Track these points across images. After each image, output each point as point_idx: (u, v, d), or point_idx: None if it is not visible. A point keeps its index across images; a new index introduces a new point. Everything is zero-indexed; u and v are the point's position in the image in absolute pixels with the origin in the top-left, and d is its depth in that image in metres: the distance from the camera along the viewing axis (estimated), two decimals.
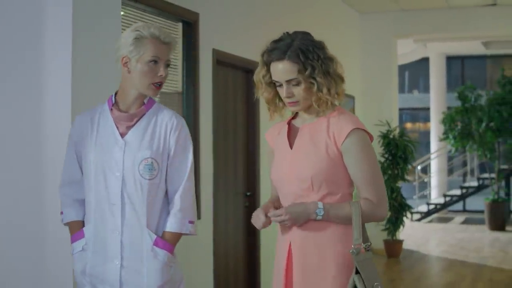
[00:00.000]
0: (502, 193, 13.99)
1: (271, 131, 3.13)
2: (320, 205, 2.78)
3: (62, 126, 3.79)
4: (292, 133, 2.98)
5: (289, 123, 3.03)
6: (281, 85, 2.87)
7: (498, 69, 19.19)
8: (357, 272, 2.74)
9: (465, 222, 15.19)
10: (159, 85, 3.05)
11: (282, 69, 2.82)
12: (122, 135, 3.05)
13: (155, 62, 3.01)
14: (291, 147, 2.93)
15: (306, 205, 2.80)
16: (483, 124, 13.32)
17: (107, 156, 3.03)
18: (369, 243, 2.81)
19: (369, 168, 2.81)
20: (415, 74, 24.45)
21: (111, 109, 3.09)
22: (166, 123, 3.09)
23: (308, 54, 2.81)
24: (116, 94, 3.13)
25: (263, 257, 7.12)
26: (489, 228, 13.60)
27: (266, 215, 2.88)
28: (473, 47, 16.91)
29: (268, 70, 2.90)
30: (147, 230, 3.04)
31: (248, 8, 7.00)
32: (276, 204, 3.01)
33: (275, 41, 2.90)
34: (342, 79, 2.88)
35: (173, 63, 5.52)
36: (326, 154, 2.81)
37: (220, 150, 6.45)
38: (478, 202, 16.44)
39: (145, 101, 3.10)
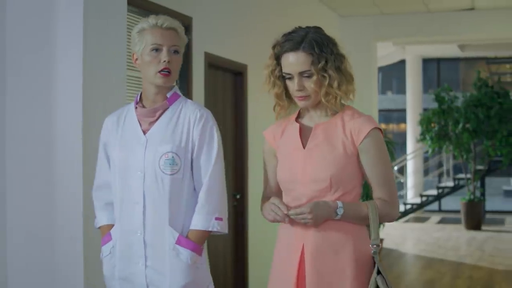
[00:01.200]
0: (477, 193, 14.25)
1: (272, 130, 3.01)
2: (340, 204, 2.72)
3: (73, 127, 3.86)
4: (302, 133, 2.88)
5: (297, 122, 2.93)
6: (291, 78, 2.80)
7: (471, 71, 19.57)
8: (378, 272, 2.69)
9: (441, 221, 15.46)
10: (166, 72, 2.94)
11: (295, 60, 2.75)
12: (145, 131, 2.98)
13: (157, 49, 2.93)
14: (303, 147, 2.83)
15: (329, 204, 2.73)
16: (460, 126, 13.57)
17: (130, 155, 2.97)
18: (379, 243, 2.77)
19: (385, 168, 2.79)
20: (389, 75, 24.74)
21: (136, 107, 3.04)
22: (189, 115, 2.98)
23: (322, 47, 2.75)
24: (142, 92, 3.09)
25: (251, 257, 7.28)
26: (465, 228, 13.86)
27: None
28: (449, 50, 17.20)
29: (278, 64, 2.83)
30: (169, 228, 2.92)
31: (238, 13, 7.17)
32: None
33: (288, 33, 2.82)
34: (351, 77, 2.81)
35: None
36: (344, 153, 2.75)
37: None
38: (454, 202, 16.73)
39: (168, 95, 3.02)
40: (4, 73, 4.01)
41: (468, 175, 14.36)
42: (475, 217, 13.86)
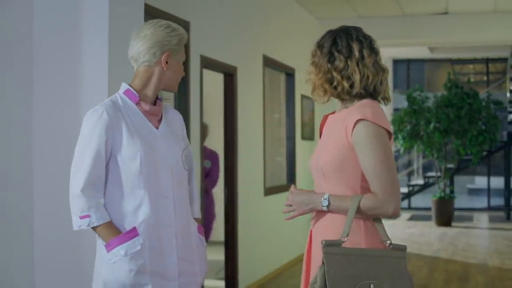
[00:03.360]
0: (447, 191, 14.67)
1: (322, 122, 3.09)
2: (326, 196, 2.78)
3: None
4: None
5: (327, 115, 3.04)
6: None
7: (436, 72, 20.08)
8: (323, 263, 2.65)
9: (412, 218, 15.86)
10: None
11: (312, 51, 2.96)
12: (156, 128, 3.07)
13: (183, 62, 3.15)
14: (320, 137, 3.00)
15: (312, 195, 2.84)
16: (431, 125, 13.99)
17: (154, 150, 2.99)
18: (389, 241, 2.73)
19: (376, 160, 2.72)
20: None
21: (137, 103, 3.05)
22: (177, 117, 3.22)
23: (324, 42, 2.91)
24: (132, 87, 3.07)
25: (241, 245, 7.60)
26: (436, 224, 14.27)
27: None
28: (418, 51, 17.63)
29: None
30: (192, 219, 3.15)
31: (229, 19, 7.49)
32: None
33: None
34: (364, 75, 2.84)
35: None
36: (337, 144, 2.79)
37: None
38: (423, 200, 17.18)
39: (158, 96, 3.15)
40: (31, 73, 4.21)
41: (438, 173, 14.78)
42: (446, 214, 14.28)
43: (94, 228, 2.96)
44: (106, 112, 2.95)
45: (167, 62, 3.04)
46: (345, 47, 2.86)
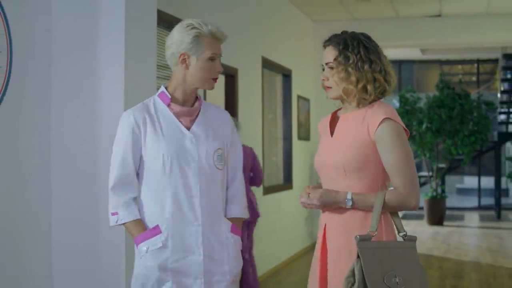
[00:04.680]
0: (439, 190, 14.84)
1: (322, 121, 3.23)
2: (349, 195, 2.91)
3: (115, 128, 4.21)
4: (334, 122, 3.10)
5: (334, 113, 3.16)
6: (324, 70, 3.07)
7: (426, 72, 20.28)
8: (358, 256, 2.78)
9: (403, 217, 15.99)
10: (216, 79, 3.15)
11: (325, 53, 3.04)
12: (187, 128, 3.10)
13: (214, 59, 3.08)
14: (331, 135, 3.07)
15: (337, 194, 2.93)
16: (423, 126, 14.16)
17: (180, 150, 3.05)
18: (405, 232, 2.89)
19: (399, 157, 2.88)
20: None
21: (168, 104, 3.12)
22: (220, 117, 3.22)
23: (349, 46, 2.98)
24: (167, 89, 3.15)
25: None
26: (428, 223, 14.42)
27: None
28: (409, 52, 17.79)
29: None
30: (224, 218, 3.14)
31: (231, 22, 7.64)
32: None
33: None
34: (375, 79, 2.99)
35: (169, 68, 6.08)
36: (359, 142, 2.92)
37: None
38: None
39: (198, 95, 3.19)
40: (49, 77, 4.33)
41: (430, 173, 14.95)
42: (438, 213, 14.45)
43: (123, 225, 3.10)
44: (133, 114, 3.08)
45: (185, 62, 3.07)
46: (372, 52, 3.01)
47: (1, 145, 3.94)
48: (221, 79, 7.91)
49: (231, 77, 7.70)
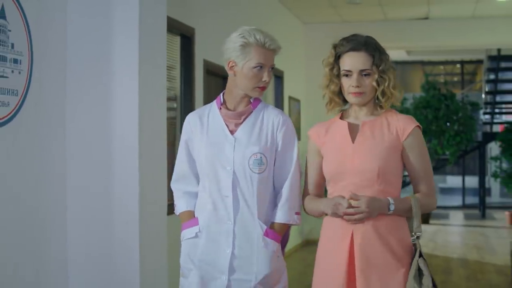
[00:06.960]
0: None
1: (317, 129, 3.23)
2: (392, 201, 2.99)
3: (129, 127, 4.39)
4: (350, 130, 3.13)
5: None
6: (348, 75, 3.06)
7: (408, 73, 20.55)
8: (420, 255, 2.97)
9: None
10: (264, 88, 3.23)
11: (358, 59, 3.04)
12: (232, 132, 3.22)
13: (260, 67, 3.15)
14: (352, 142, 3.09)
15: (382, 201, 2.99)
16: None
17: (219, 152, 3.20)
18: (420, 232, 3.06)
19: (426, 163, 3.09)
20: None
21: (220, 108, 3.27)
22: (273, 120, 3.24)
23: (381, 52, 3.08)
24: (223, 94, 3.30)
25: None
26: None
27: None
28: (394, 53, 18.01)
29: (337, 63, 3.11)
30: (258, 220, 3.19)
31: (230, 25, 7.78)
32: None
33: (349, 36, 3.12)
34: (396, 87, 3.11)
35: (172, 72, 6.29)
36: (389, 147, 3.03)
37: None
38: None
39: (251, 99, 3.26)
40: (64, 80, 4.46)
41: None
42: (424, 212, 14.61)
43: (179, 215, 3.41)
44: (189, 117, 3.36)
45: (233, 69, 3.21)
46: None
47: (20, 148, 4.01)
48: (224, 83, 8.05)
49: (223, 79, 7.84)
